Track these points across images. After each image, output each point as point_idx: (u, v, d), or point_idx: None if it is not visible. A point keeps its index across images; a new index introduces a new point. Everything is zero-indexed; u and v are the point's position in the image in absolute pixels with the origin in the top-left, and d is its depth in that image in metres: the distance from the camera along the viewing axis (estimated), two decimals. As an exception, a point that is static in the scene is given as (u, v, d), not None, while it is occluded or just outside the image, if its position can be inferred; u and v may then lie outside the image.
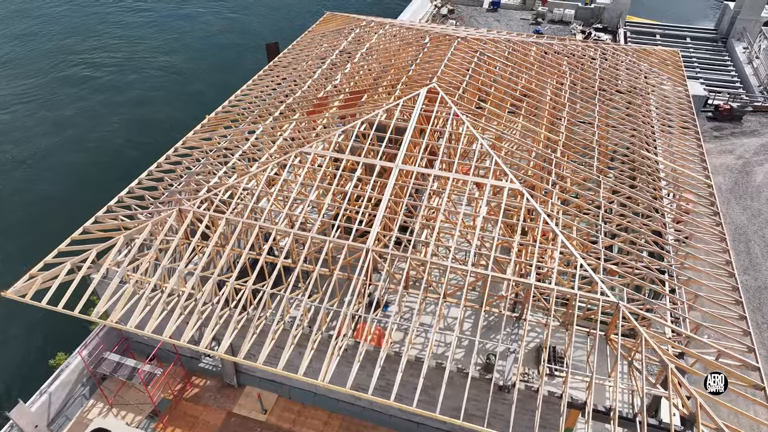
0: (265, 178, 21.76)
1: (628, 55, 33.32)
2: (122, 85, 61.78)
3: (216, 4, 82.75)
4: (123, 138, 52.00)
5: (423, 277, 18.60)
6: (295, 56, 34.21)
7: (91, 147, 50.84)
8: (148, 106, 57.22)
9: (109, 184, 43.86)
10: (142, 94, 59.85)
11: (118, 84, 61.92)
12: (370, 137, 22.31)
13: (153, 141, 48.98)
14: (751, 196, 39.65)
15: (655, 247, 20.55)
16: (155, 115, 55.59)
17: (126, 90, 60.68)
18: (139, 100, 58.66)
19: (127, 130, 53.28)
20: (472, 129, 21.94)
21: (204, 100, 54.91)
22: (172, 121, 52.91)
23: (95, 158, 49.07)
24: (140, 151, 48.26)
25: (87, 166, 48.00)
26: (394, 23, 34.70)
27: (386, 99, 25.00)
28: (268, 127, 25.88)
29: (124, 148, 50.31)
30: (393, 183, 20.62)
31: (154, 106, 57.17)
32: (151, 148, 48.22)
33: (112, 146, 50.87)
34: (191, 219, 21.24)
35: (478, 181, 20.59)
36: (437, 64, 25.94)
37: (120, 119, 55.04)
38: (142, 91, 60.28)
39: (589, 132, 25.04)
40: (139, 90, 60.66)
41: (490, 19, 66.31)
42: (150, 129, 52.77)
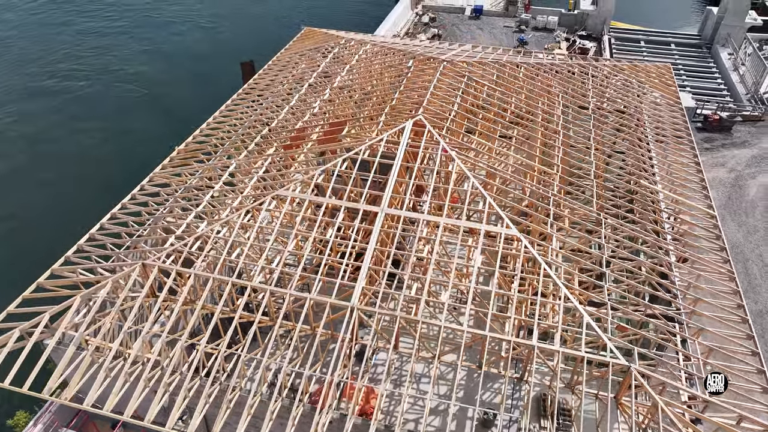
0: (238, 225, 19.84)
1: (620, 71, 31.97)
2: (91, 99, 59.02)
3: (192, 14, 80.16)
4: (94, 158, 49.42)
5: (415, 336, 16.89)
6: (273, 78, 32.25)
7: (61, 166, 48.25)
8: (119, 122, 54.59)
9: (78, 208, 41.67)
10: (112, 109, 57.12)
11: (87, 99, 59.19)
12: (353, 176, 20.52)
13: (124, 160, 46.72)
14: (746, 211, 38.70)
15: (661, 291, 19.09)
16: (127, 133, 53.01)
17: (95, 106, 57.95)
18: (109, 116, 55.95)
19: (100, 148, 50.74)
20: (462, 167, 20.27)
21: (179, 116, 52.60)
22: (145, 137, 50.58)
23: (63, 181, 46.48)
24: (110, 172, 45.87)
25: (57, 187, 45.45)
26: (375, 41, 32.93)
27: (369, 131, 23.24)
28: (242, 162, 23.94)
29: (94, 169, 47.77)
30: (378, 229, 18.85)
31: (124, 123, 54.57)
32: (122, 168, 46.09)
33: (83, 167, 48.30)
34: (157, 274, 19.24)
35: (472, 227, 18.91)
36: (423, 91, 24.23)
37: (89, 137, 52.45)
38: (113, 107, 57.58)
39: (586, 162, 23.53)
40: (109, 106, 57.96)
41: (472, 27, 64.88)
42: (123, 148, 50.25)
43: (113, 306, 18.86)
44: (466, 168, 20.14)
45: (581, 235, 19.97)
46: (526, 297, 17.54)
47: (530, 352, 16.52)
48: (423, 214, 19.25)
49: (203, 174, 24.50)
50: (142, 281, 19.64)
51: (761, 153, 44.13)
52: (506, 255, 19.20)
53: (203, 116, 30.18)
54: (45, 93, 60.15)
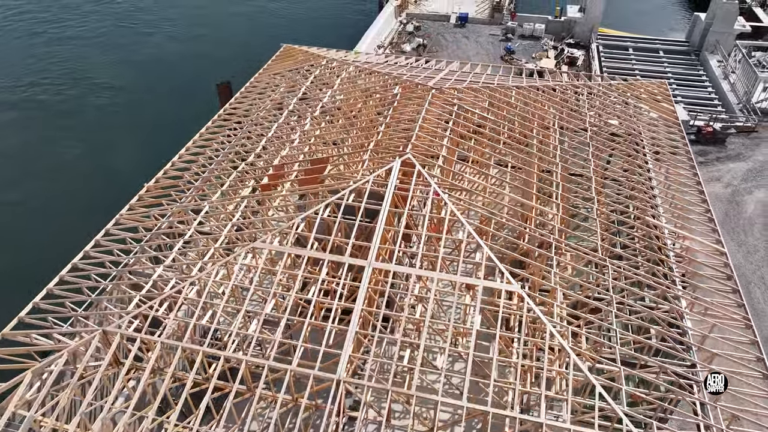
0: (210, 283, 17.91)
1: (616, 91, 30.52)
2: (57, 115, 56.24)
3: (166, 25, 77.55)
4: (64, 177, 46.82)
5: (410, 409, 15.17)
6: (251, 103, 30.25)
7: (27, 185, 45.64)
8: (89, 140, 51.81)
9: (41, 241, 39.04)
10: (83, 126, 54.37)
11: (52, 115, 56.40)
12: (337, 224, 18.70)
13: (92, 185, 44.32)
14: (744, 230, 37.62)
15: (673, 343, 17.56)
16: (97, 152, 50.29)
17: (64, 121, 55.25)
18: (79, 133, 53.14)
19: (72, 165, 48.09)
20: (457, 213, 18.54)
21: (152, 134, 50.36)
22: (115, 158, 48.08)
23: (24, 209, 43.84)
24: (77, 199, 43.38)
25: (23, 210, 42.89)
26: (358, 61, 31.12)
27: (353, 169, 21.43)
28: (216, 205, 21.99)
29: (61, 191, 45.18)
30: (366, 287, 17.04)
31: (94, 142, 51.77)
32: (90, 195, 43.53)
33: (51, 188, 45.74)
34: (120, 341, 17.26)
35: (469, 282, 17.19)
36: (410, 123, 22.47)
37: (59, 153, 49.83)
38: (85, 122, 54.81)
39: (587, 198, 21.96)
40: (82, 120, 55.22)
41: (458, 35, 63.36)
42: (91, 170, 47.66)
43: (71, 376, 16.89)
44: (460, 214, 18.40)
45: (587, 287, 18.36)
46: (531, 364, 15.88)
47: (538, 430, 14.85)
48: (414, 269, 17.49)
49: (174, 217, 22.50)
50: (103, 348, 17.65)
51: (756, 166, 43.13)
52: (507, 313, 17.52)
53: (177, 136, 28.21)
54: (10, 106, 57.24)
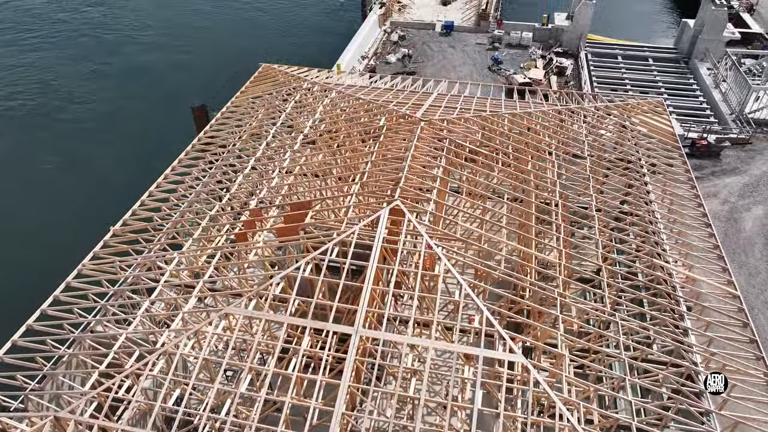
0: (178, 356, 15.97)
1: (613, 112, 29.02)
2: (28, 128, 53.40)
3: (141, 35, 74.82)
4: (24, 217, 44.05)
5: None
6: (229, 131, 28.19)
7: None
8: (58, 160, 49.11)
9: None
10: (47, 144, 51.48)
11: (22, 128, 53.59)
12: (320, 283, 16.85)
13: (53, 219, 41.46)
14: (744, 250, 36.42)
15: (696, 415, 16.02)
16: (68, 170, 47.54)
17: (38, 133, 52.49)
18: (50, 148, 50.35)
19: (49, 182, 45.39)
20: (451, 268, 16.78)
21: (127, 154, 47.73)
22: (84, 184, 45.29)
23: None
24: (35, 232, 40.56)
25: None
26: (340, 86, 29.25)
27: (337, 217, 19.60)
28: (186, 255, 20.03)
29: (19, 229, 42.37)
30: (353, 358, 15.23)
31: (64, 162, 49.01)
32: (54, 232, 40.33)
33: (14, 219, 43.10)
34: (75, 429, 15.25)
35: (468, 352, 15.46)
36: (398, 162, 20.67)
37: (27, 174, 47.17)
38: (49, 141, 51.87)
39: (591, 241, 20.37)
40: (52, 135, 52.37)
41: (444, 44, 61.68)
42: (58, 196, 44.72)
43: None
44: (455, 270, 16.65)
45: (594, 348, 16.71)
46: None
47: None
48: (407, 337, 15.72)
49: (141, 268, 20.48)
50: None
51: (753, 181, 41.98)
52: (511, 380, 15.81)
53: (150, 148, 25.94)
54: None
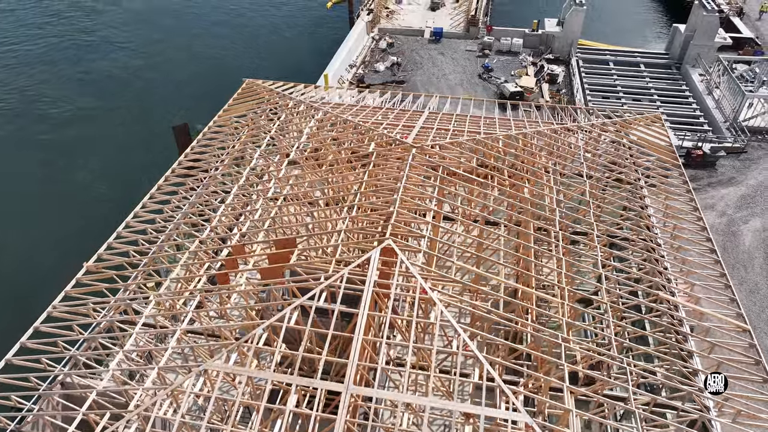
0: (152, 421, 14.61)
1: (611, 126, 28.01)
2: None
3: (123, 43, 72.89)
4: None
5: None
6: (212, 155, 26.78)
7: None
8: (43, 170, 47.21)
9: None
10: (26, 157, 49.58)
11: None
12: (307, 332, 15.58)
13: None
14: (744, 265, 35.65)
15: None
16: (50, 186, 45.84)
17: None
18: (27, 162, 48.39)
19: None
20: (448, 315, 15.58)
21: (107, 166, 46.03)
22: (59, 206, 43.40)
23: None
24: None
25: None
26: (327, 107, 27.95)
27: (325, 252, 18.33)
28: (162, 300, 18.65)
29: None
30: (343, 419, 13.97)
31: (44, 179, 47.30)
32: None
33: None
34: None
35: (468, 411, 14.26)
36: (389, 194, 19.42)
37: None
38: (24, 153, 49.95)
39: (593, 276, 19.28)
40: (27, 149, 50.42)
41: (433, 51, 60.61)
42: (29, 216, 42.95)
43: None
44: (455, 322, 15.45)
45: (602, 399, 15.59)
46: None
47: None
48: (402, 395, 14.48)
49: (115, 312, 19.08)
50: None
51: (749, 192, 41.30)
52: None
53: (131, 176, 24.50)
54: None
